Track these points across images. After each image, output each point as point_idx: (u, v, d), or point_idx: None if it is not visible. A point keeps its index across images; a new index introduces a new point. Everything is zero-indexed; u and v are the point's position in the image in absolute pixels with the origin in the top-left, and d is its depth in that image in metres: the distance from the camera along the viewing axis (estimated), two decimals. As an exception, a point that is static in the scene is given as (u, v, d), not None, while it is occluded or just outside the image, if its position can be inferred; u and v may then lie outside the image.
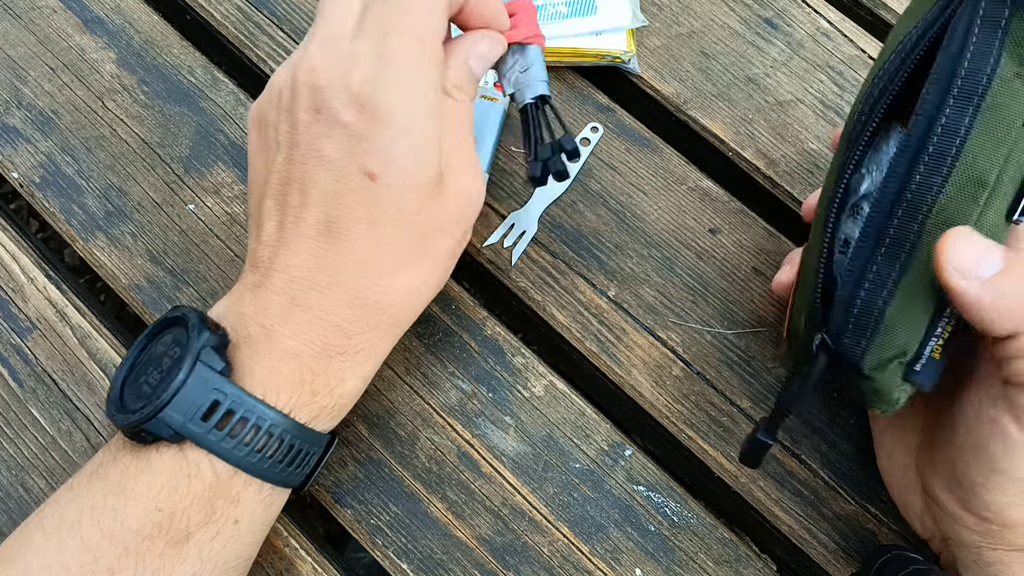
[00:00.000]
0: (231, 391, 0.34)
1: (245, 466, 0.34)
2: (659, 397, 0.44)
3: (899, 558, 0.38)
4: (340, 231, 0.35)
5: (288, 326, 0.35)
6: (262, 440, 0.34)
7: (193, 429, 0.33)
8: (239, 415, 0.34)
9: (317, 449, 0.37)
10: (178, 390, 0.33)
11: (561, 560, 0.41)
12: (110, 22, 0.53)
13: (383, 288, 0.36)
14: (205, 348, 0.34)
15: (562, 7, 0.49)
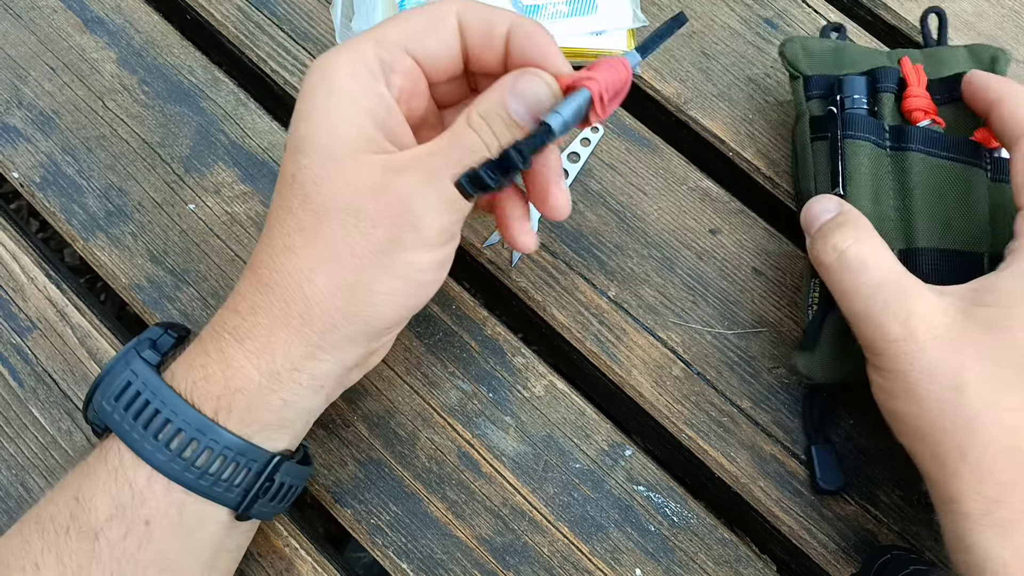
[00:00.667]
0: (142, 373, 0.33)
1: (146, 455, 0.32)
2: (659, 397, 0.44)
3: (899, 558, 0.38)
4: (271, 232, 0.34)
5: (230, 332, 0.34)
6: (170, 432, 0.32)
7: (105, 407, 0.34)
8: (144, 396, 0.33)
9: (247, 462, 0.33)
10: (106, 373, 0.34)
11: (561, 560, 0.41)
12: (110, 22, 0.53)
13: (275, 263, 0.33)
14: (144, 339, 0.35)
15: (562, 6, 0.49)
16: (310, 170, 0.33)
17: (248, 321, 0.33)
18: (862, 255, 0.37)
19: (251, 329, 0.33)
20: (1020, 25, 0.52)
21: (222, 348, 0.33)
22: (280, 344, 0.33)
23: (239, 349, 0.33)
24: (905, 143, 0.44)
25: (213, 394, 0.33)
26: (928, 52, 0.47)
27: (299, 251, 0.33)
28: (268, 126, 0.50)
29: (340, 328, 0.33)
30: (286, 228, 0.33)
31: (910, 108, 0.45)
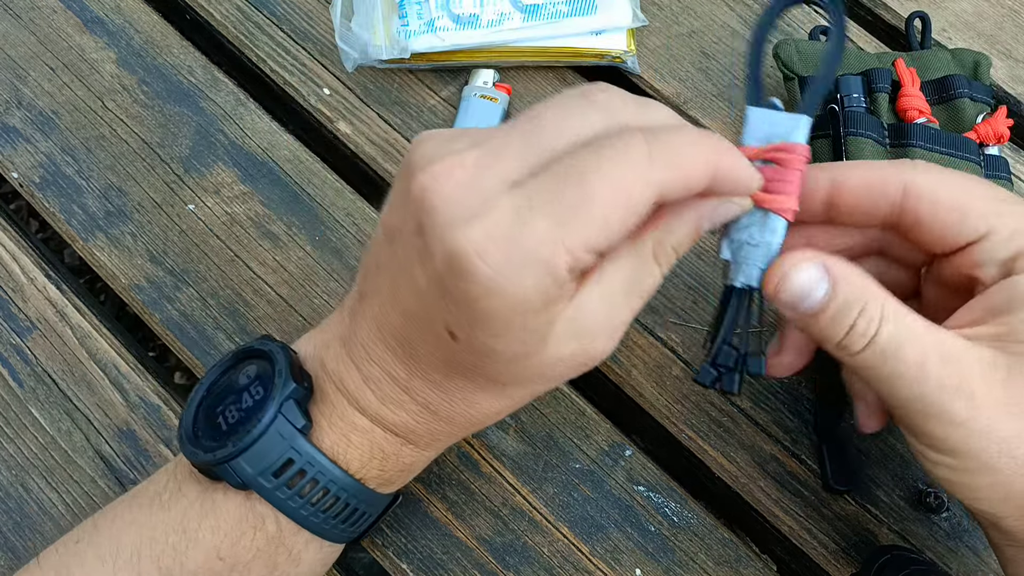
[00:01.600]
0: (306, 451, 0.32)
1: (309, 525, 0.33)
2: (659, 397, 0.44)
3: (899, 558, 0.38)
4: (416, 354, 0.32)
5: (360, 403, 0.33)
6: (328, 502, 0.33)
7: (263, 484, 0.32)
8: (310, 476, 0.33)
9: (378, 510, 0.36)
10: (254, 442, 0.32)
11: (561, 560, 0.41)
12: (110, 22, 0.53)
13: (455, 410, 0.33)
14: (288, 401, 0.32)
15: (562, 6, 0.49)
16: (499, 369, 0.31)
17: (427, 438, 0.35)
18: (896, 334, 0.31)
19: (432, 442, 0.35)
20: (1020, 25, 0.52)
21: (400, 452, 0.35)
22: (444, 442, 0.36)
23: (417, 452, 0.35)
24: (905, 140, 0.44)
25: (387, 478, 0.35)
26: (914, 55, 0.48)
27: (481, 404, 0.33)
28: (268, 126, 0.50)
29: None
30: (465, 390, 0.33)
31: (905, 107, 0.45)
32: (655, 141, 0.28)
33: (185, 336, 0.45)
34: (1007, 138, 0.45)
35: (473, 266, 0.27)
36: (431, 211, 0.28)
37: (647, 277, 0.31)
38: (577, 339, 0.31)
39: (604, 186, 0.27)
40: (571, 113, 0.29)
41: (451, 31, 0.49)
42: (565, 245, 0.27)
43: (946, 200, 0.32)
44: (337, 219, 0.48)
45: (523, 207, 0.27)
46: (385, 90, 0.51)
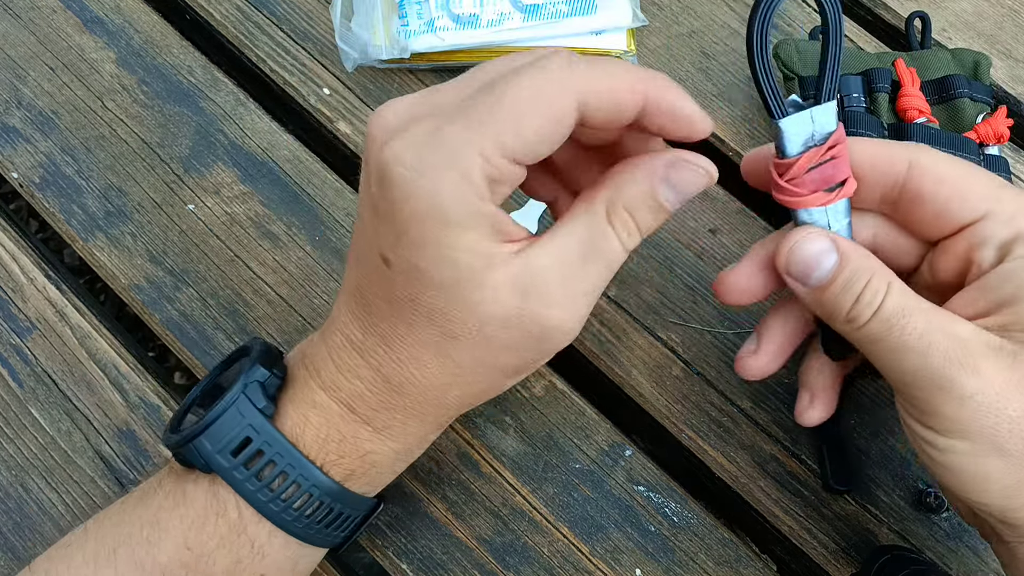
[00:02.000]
0: (265, 430, 0.32)
1: (269, 513, 0.33)
2: (659, 397, 0.44)
3: (899, 558, 0.38)
4: (366, 301, 0.32)
5: (322, 376, 0.34)
6: (289, 488, 0.33)
7: (220, 462, 0.32)
8: (268, 456, 0.32)
9: (352, 512, 0.35)
10: (215, 419, 0.32)
11: (561, 560, 0.41)
12: (110, 22, 0.53)
13: (403, 373, 0.32)
14: (252, 383, 0.33)
15: (562, 6, 0.49)
16: (434, 300, 0.30)
17: (383, 415, 0.34)
18: (902, 304, 0.31)
19: (387, 422, 0.34)
20: (1020, 25, 0.52)
21: (357, 433, 0.34)
22: (413, 431, 0.35)
23: (374, 436, 0.34)
24: (905, 139, 0.44)
25: (346, 467, 0.34)
26: (914, 55, 0.48)
27: (429, 365, 0.32)
28: (268, 126, 0.50)
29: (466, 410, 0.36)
30: (408, 341, 0.32)
31: (905, 107, 0.45)
32: (578, 57, 0.29)
33: (185, 336, 0.45)
34: (1007, 138, 0.46)
35: (392, 171, 0.28)
36: (370, 141, 0.30)
37: (603, 241, 0.31)
38: (522, 296, 0.30)
39: (518, 90, 0.28)
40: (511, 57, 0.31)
41: (451, 31, 0.49)
42: (477, 146, 0.28)
43: (950, 178, 0.33)
44: (337, 219, 0.48)
45: (441, 118, 0.29)
46: (385, 90, 0.51)
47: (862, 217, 0.35)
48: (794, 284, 0.33)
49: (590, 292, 0.31)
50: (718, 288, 0.35)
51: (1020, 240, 0.31)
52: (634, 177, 0.31)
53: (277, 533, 0.34)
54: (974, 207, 0.32)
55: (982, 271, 0.32)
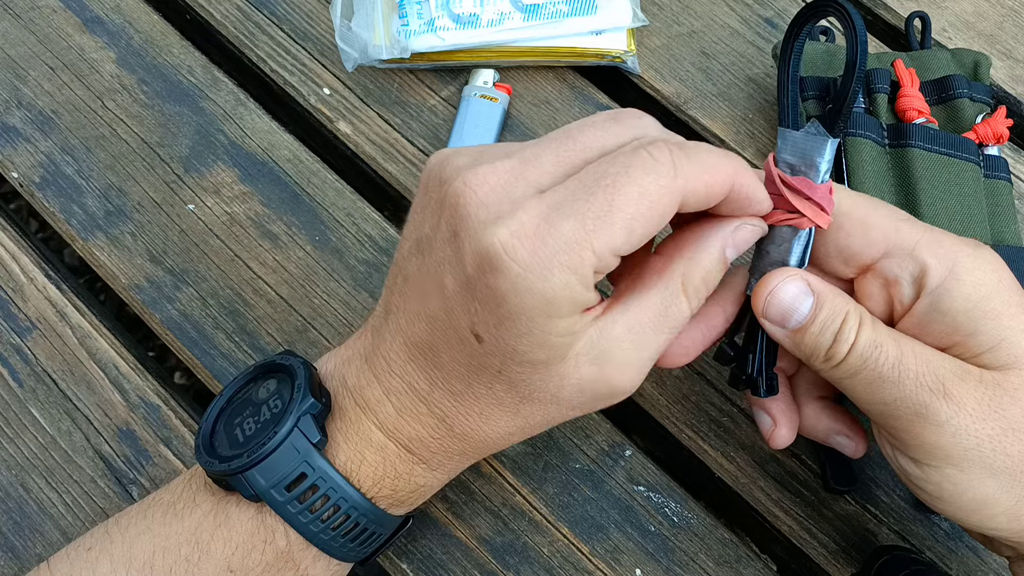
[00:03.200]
0: (320, 466, 0.32)
1: (318, 542, 0.33)
2: (659, 397, 0.44)
3: (899, 558, 0.38)
4: (439, 362, 0.32)
5: (378, 416, 0.34)
6: (339, 519, 0.33)
7: (275, 497, 0.32)
8: (322, 491, 0.33)
9: (388, 531, 0.36)
10: (269, 454, 0.32)
11: (561, 560, 0.41)
12: (110, 22, 0.53)
13: (470, 424, 0.33)
14: (305, 415, 0.32)
15: (562, 6, 0.49)
16: (520, 374, 0.31)
17: (439, 456, 0.35)
18: (874, 338, 0.32)
19: (443, 461, 0.35)
20: (1020, 25, 0.52)
21: (412, 471, 0.35)
22: (465, 464, 0.36)
23: (428, 472, 0.35)
24: (904, 140, 0.44)
25: (397, 498, 0.35)
26: (913, 55, 0.48)
27: (499, 421, 0.33)
28: (268, 126, 0.50)
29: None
30: (484, 402, 0.33)
31: (904, 107, 0.45)
32: (679, 151, 0.29)
33: (185, 336, 0.45)
34: (1006, 138, 0.46)
35: (502, 263, 0.28)
36: (464, 216, 0.29)
37: (676, 311, 0.32)
38: (598, 364, 0.31)
39: (630, 190, 0.28)
40: (602, 129, 0.31)
41: (451, 31, 0.49)
42: (591, 246, 0.28)
43: (850, 213, 0.33)
44: (337, 219, 0.48)
45: (551, 209, 0.28)
46: (385, 90, 0.51)
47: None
48: (772, 328, 0.33)
49: (656, 355, 0.33)
50: (773, 446, 0.37)
51: (928, 273, 0.32)
52: (708, 250, 0.32)
53: (321, 556, 0.34)
54: (875, 243, 0.33)
55: (905, 308, 0.33)
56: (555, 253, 0.28)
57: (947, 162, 0.44)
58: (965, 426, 0.30)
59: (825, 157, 0.33)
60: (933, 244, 0.32)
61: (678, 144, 0.30)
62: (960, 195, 0.43)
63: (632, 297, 0.32)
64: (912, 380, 0.31)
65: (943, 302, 0.31)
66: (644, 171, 0.29)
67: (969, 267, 0.32)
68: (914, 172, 0.44)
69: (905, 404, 0.31)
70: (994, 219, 0.44)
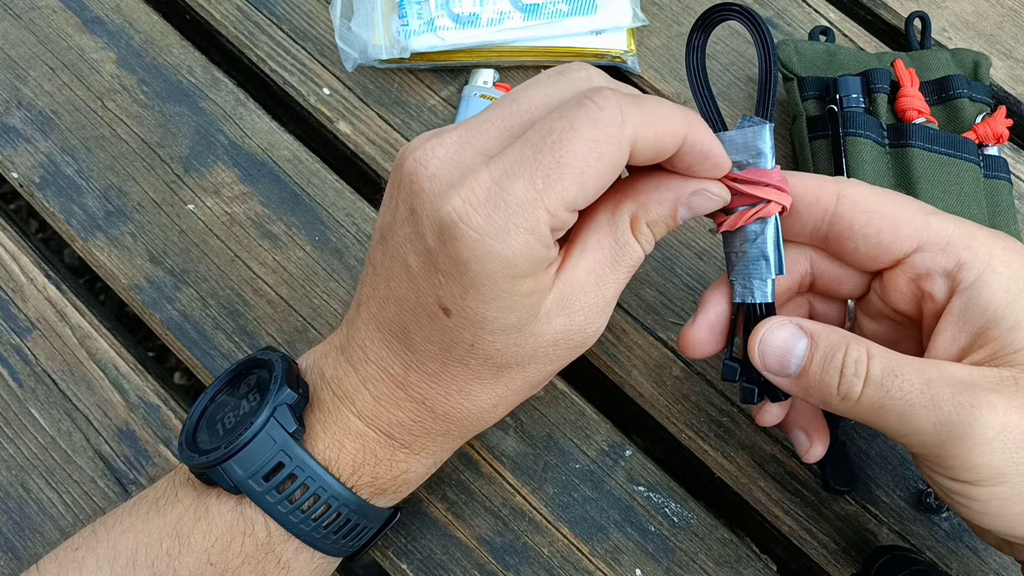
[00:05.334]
0: (297, 455, 0.33)
1: (299, 532, 0.33)
2: (659, 397, 0.44)
3: (899, 559, 0.38)
4: (412, 343, 0.32)
5: (356, 404, 0.34)
6: (319, 509, 0.33)
7: (253, 487, 0.32)
8: (300, 481, 0.33)
9: (374, 524, 0.36)
10: (245, 444, 0.32)
11: (561, 560, 0.41)
12: (110, 22, 0.53)
13: (450, 403, 0.33)
14: (281, 406, 0.33)
15: (562, 5, 0.49)
16: (494, 343, 0.31)
17: (422, 439, 0.35)
18: (889, 365, 0.30)
19: (426, 444, 0.35)
20: (1020, 25, 0.52)
21: (394, 456, 0.35)
22: (449, 446, 0.36)
23: (410, 456, 0.35)
24: (904, 140, 0.44)
25: (379, 486, 0.35)
26: (913, 55, 0.48)
27: (480, 394, 0.33)
28: (268, 126, 0.50)
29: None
30: (461, 378, 0.33)
31: (904, 107, 0.45)
32: (626, 98, 0.29)
33: (185, 336, 0.45)
34: (1006, 138, 0.46)
35: (459, 230, 0.28)
36: (419, 191, 0.30)
37: (628, 249, 0.32)
38: (567, 313, 0.32)
39: (577, 144, 0.28)
40: (546, 85, 0.31)
41: (451, 31, 0.49)
42: (544, 204, 0.28)
43: (879, 209, 0.33)
44: (337, 219, 0.48)
45: (501, 172, 0.28)
46: (385, 90, 0.51)
47: (798, 249, 0.35)
48: (776, 380, 0.33)
49: (616, 295, 0.33)
50: (681, 344, 0.36)
51: (964, 267, 0.31)
52: (660, 198, 0.32)
53: (304, 548, 0.34)
54: (907, 237, 0.32)
55: (938, 303, 0.32)
56: (510, 215, 0.28)
57: (947, 162, 0.44)
58: (1013, 439, 0.29)
59: (768, 143, 0.33)
60: (967, 237, 0.31)
61: (626, 94, 0.30)
62: (960, 195, 0.43)
63: (587, 237, 0.32)
64: (948, 401, 0.29)
65: (982, 296, 0.31)
66: (591, 122, 0.28)
67: (1005, 260, 0.31)
68: (914, 172, 0.44)
69: (947, 428, 0.29)
70: (994, 219, 0.44)
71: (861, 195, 0.33)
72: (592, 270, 0.32)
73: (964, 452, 0.29)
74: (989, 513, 0.30)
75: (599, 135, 0.28)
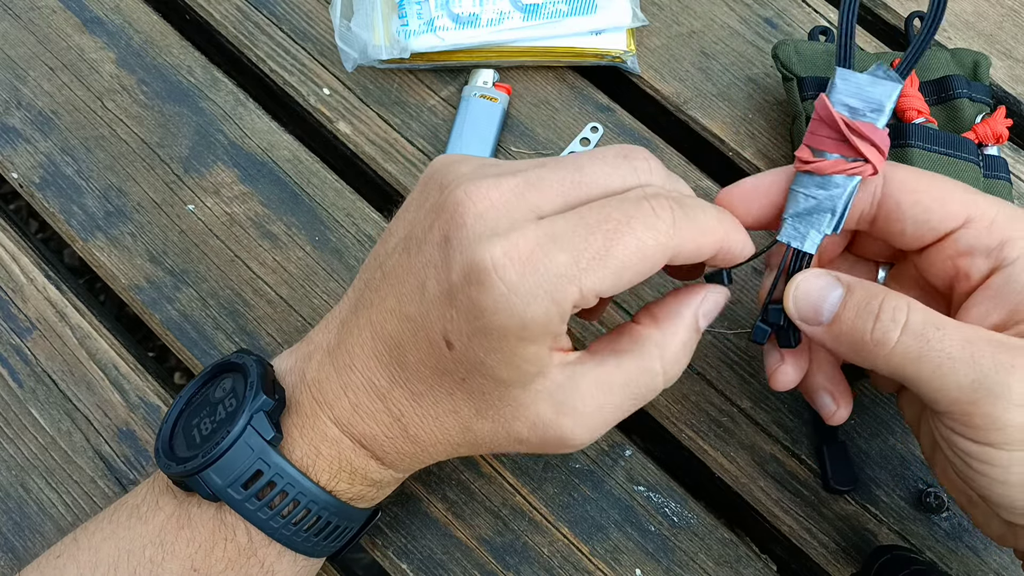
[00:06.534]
0: (275, 463, 0.32)
1: (280, 537, 0.33)
2: (659, 397, 0.44)
3: (899, 558, 0.38)
4: (405, 361, 0.32)
5: (334, 410, 0.34)
6: (300, 514, 0.33)
7: (233, 495, 0.32)
8: (280, 487, 0.33)
9: (355, 524, 0.36)
10: (223, 453, 0.32)
11: (561, 560, 0.41)
12: (109, 22, 0.53)
13: (423, 427, 0.33)
14: (258, 413, 0.32)
15: (562, 5, 0.49)
16: (483, 387, 0.32)
17: (393, 455, 0.34)
18: (930, 318, 0.30)
19: (396, 460, 0.35)
20: (1020, 25, 0.52)
21: (368, 465, 0.35)
22: (420, 464, 0.36)
23: (383, 468, 0.35)
24: (903, 140, 0.44)
25: (356, 492, 0.35)
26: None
27: (450, 430, 0.34)
28: (267, 126, 0.50)
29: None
30: (441, 407, 0.33)
31: (904, 107, 0.45)
32: (679, 210, 0.30)
33: (185, 336, 0.45)
34: (1006, 138, 0.45)
35: (489, 279, 0.28)
36: (460, 225, 0.29)
37: (649, 378, 0.33)
38: (556, 409, 0.32)
39: (629, 240, 0.29)
40: (611, 166, 0.31)
41: (451, 31, 0.49)
42: (580, 283, 0.29)
43: (925, 189, 0.33)
44: (337, 219, 0.48)
45: (548, 238, 0.29)
46: (385, 90, 0.51)
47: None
48: (810, 329, 0.33)
49: (616, 420, 0.33)
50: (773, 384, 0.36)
51: (1009, 243, 0.32)
52: (683, 319, 0.33)
53: (286, 552, 0.34)
54: (954, 214, 0.32)
55: (972, 281, 0.32)
56: (543, 281, 0.28)
57: (947, 162, 0.44)
58: None
59: (892, 103, 0.32)
60: (1013, 219, 0.32)
61: (679, 202, 0.30)
62: None
63: (608, 357, 0.32)
64: (989, 358, 0.29)
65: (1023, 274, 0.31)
66: (645, 225, 0.29)
67: None
68: None
69: (983, 385, 0.29)
70: None
71: (905, 175, 0.33)
72: (600, 385, 0.32)
73: (997, 411, 0.29)
74: (1008, 481, 0.30)
75: (649, 240, 0.29)
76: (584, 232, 0.29)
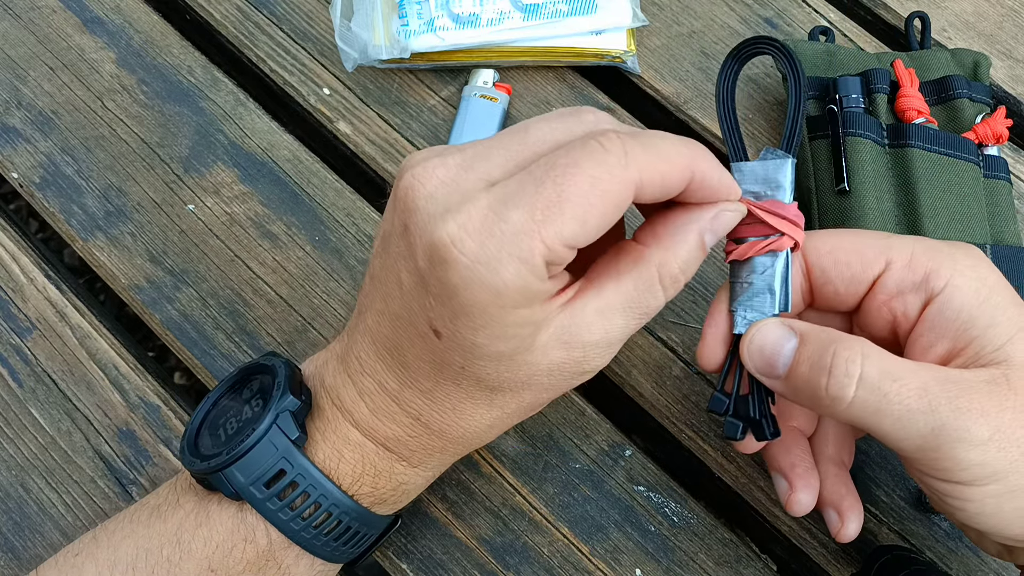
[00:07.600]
0: (299, 463, 0.32)
1: (299, 540, 0.33)
2: (659, 397, 0.44)
3: (899, 558, 0.38)
4: (405, 360, 0.32)
5: (354, 416, 0.34)
6: (320, 517, 0.33)
7: (254, 493, 0.32)
8: (302, 488, 0.33)
9: (375, 531, 0.36)
10: (248, 451, 0.32)
11: (561, 560, 0.41)
12: (110, 22, 0.53)
13: (445, 420, 0.33)
14: (284, 412, 0.33)
15: (562, 5, 0.49)
16: (486, 368, 0.31)
17: (420, 453, 0.35)
18: (884, 367, 0.30)
19: (424, 459, 0.35)
20: (1020, 25, 0.52)
21: (392, 468, 0.35)
22: (448, 460, 0.36)
23: (409, 469, 0.35)
24: (903, 140, 0.44)
25: (379, 496, 0.35)
26: (913, 55, 0.48)
27: (474, 414, 0.33)
28: (267, 126, 0.50)
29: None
30: (454, 397, 0.33)
31: (904, 108, 0.45)
32: (631, 140, 0.29)
33: (185, 336, 0.45)
34: (1006, 138, 0.46)
35: (450, 256, 0.28)
36: (413, 210, 0.29)
37: (650, 297, 0.32)
38: (567, 347, 0.31)
39: (580, 180, 0.28)
40: (556, 122, 0.31)
41: (451, 31, 0.49)
42: (540, 236, 0.28)
43: (840, 245, 0.34)
44: (337, 219, 0.48)
45: (499, 201, 0.28)
46: (385, 90, 0.51)
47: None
48: (768, 381, 0.33)
49: (623, 339, 0.33)
50: (700, 363, 0.36)
51: (933, 275, 0.32)
52: (686, 238, 0.32)
53: (304, 555, 0.34)
54: (872, 260, 0.33)
55: (911, 319, 0.33)
56: (503, 244, 0.28)
57: (947, 162, 0.44)
58: (1006, 437, 0.29)
59: (788, 177, 0.34)
60: (930, 250, 0.32)
61: (630, 133, 0.30)
62: (960, 195, 0.43)
63: (606, 282, 0.32)
64: (946, 406, 0.29)
65: (955, 300, 0.31)
66: (594, 161, 0.28)
67: (969, 264, 0.32)
68: (914, 172, 0.44)
69: (945, 432, 0.29)
70: (994, 219, 0.44)
71: (820, 240, 0.34)
72: (603, 312, 0.31)
73: (959, 454, 0.29)
74: (984, 513, 0.31)
75: (602, 174, 0.28)
76: (533, 185, 0.28)
